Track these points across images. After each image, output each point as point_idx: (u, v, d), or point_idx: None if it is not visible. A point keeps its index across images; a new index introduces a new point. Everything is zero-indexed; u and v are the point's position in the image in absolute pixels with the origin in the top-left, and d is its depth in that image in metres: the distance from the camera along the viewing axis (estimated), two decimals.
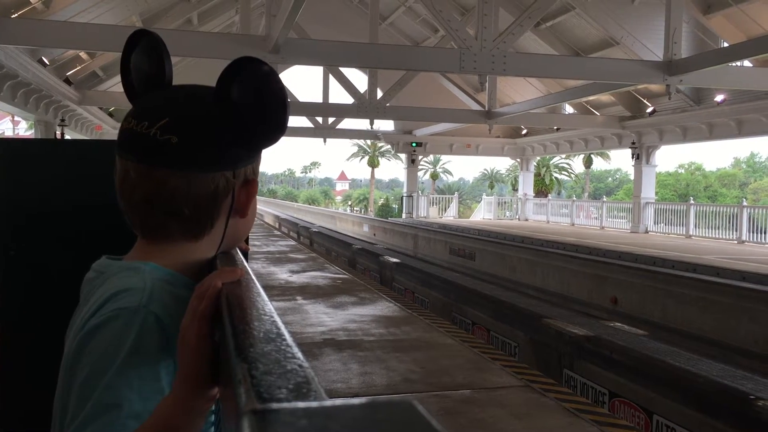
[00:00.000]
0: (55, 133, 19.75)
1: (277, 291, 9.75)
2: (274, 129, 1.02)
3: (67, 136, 20.47)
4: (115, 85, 22.51)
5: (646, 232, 21.99)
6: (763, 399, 5.99)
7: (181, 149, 0.98)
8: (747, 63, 14.82)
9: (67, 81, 18.94)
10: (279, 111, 1.01)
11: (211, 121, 0.99)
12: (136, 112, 1.02)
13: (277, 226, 35.18)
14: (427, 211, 31.44)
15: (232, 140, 1.00)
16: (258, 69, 1.00)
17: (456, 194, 38.34)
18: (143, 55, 1.08)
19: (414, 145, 29.36)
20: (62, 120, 20.16)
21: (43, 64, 16.37)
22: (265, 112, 1.00)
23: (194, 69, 24.13)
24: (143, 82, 1.07)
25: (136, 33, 1.08)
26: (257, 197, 1.16)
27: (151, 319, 0.90)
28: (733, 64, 13.42)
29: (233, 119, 0.99)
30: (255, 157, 1.07)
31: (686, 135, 20.48)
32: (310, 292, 9.82)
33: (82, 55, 19.33)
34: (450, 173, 72.77)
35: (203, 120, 0.99)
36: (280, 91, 1.02)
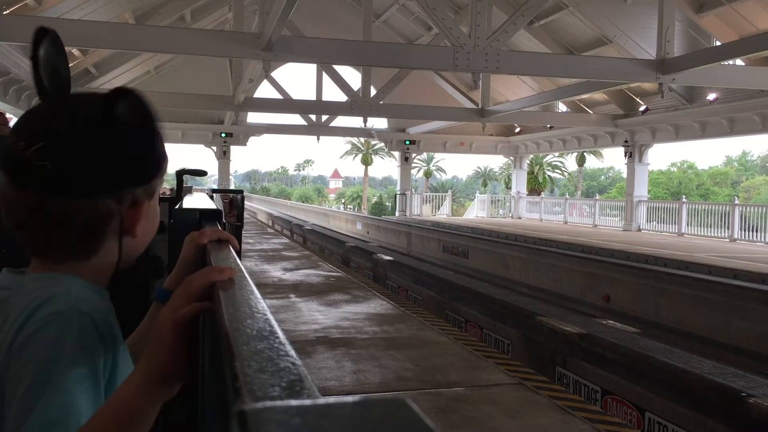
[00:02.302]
0: None
1: (270, 289, 9.74)
2: (154, 156, 0.98)
3: None
4: (108, 82, 22.42)
5: (639, 230, 22.06)
6: (755, 396, 6.02)
7: (56, 176, 0.93)
8: (739, 62, 14.87)
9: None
10: (156, 142, 0.98)
11: (90, 147, 0.94)
12: (18, 126, 0.98)
13: (270, 224, 35.13)
14: (420, 209, 31.44)
15: (113, 167, 0.96)
16: (141, 100, 0.95)
17: (449, 192, 38.38)
18: (52, 52, 1.04)
19: (407, 143, 29.35)
20: None
21: None
22: (152, 139, 0.97)
23: (186, 66, 24.09)
24: (51, 80, 1.03)
25: (42, 29, 1.04)
26: (255, 196, 1.15)
27: (86, 320, 0.91)
28: (726, 63, 13.46)
29: (116, 145, 0.94)
30: (146, 181, 1.03)
31: (679, 133, 20.55)
32: (304, 290, 9.81)
33: (75, 51, 19.22)
34: (443, 171, 72.83)
35: (82, 145, 0.94)
36: (155, 123, 0.97)
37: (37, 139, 0.94)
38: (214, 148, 27.66)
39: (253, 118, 27.76)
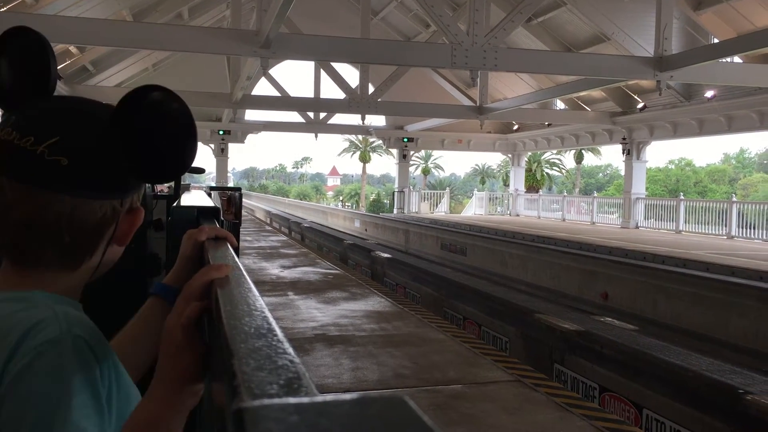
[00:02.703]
0: None
1: (269, 286, 9.74)
2: (174, 162, 0.94)
3: None
4: (105, 79, 22.39)
5: (637, 227, 22.07)
6: (752, 393, 6.03)
7: (71, 173, 0.90)
8: (737, 59, 14.88)
9: (57, 76, 18.80)
10: (184, 144, 0.93)
11: (104, 146, 0.91)
12: (18, 122, 0.92)
13: (268, 221, 35.12)
14: (418, 207, 31.44)
15: (125, 168, 0.93)
16: (166, 100, 0.92)
17: (447, 190, 38.38)
18: (25, 55, 0.99)
19: (405, 140, 29.34)
20: None
21: None
22: (166, 140, 0.92)
23: (184, 63, 24.07)
24: (21, 85, 0.98)
25: (14, 29, 0.99)
26: (250, 192, 1.13)
27: (80, 343, 0.86)
28: (723, 60, 13.46)
29: (130, 147, 0.91)
30: (145, 180, 1.00)
31: (676, 131, 20.56)
32: (302, 287, 9.81)
33: (72, 49, 19.21)
34: (441, 169, 72.77)
35: (97, 144, 0.91)
36: (188, 125, 0.93)
37: (49, 134, 0.90)
38: (212, 145, 27.63)
39: (251, 115, 27.79)
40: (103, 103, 0.98)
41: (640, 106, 21.08)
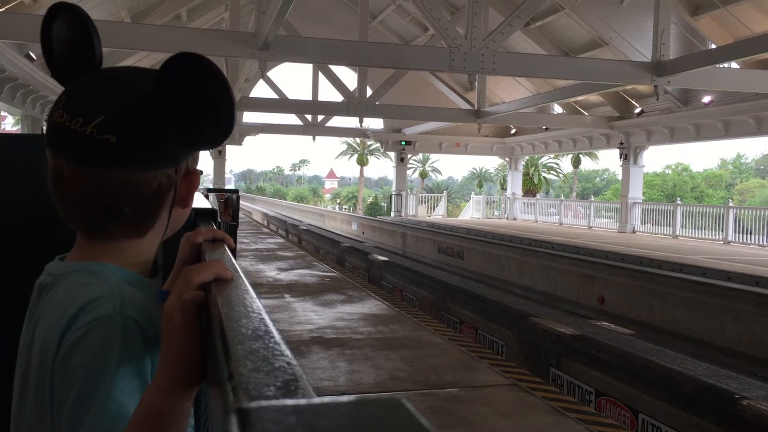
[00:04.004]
0: (42, 128, 19.60)
1: (265, 288, 9.73)
2: (218, 122, 0.96)
3: None
4: None
5: (634, 231, 22.10)
6: (748, 398, 6.04)
7: (120, 149, 0.92)
8: (734, 64, 14.93)
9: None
10: (223, 104, 0.96)
11: (150, 117, 0.94)
12: (68, 103, 0.95)
13: (265, 223, 35.09)
14: (415, 210, 31.45)
15: (173, 136, 0.95)
16: (200, 62, 0.95)
17: (445, 193, 38.37)
18: (68, 30, 1.00)
19: (403, 143, 29.37)
20: None
21: (31, 59, 16.24)
22: (208, 105, 0.95)
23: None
24: (69, 58, 0.99)
25: (56, 5, 1.01)
26: (247, 195, 1.14)
27: (131, 324, 0.89)
28: (721, 66, 13.51)
29: (174, 113, 0.94)
30: (199, 145, 1.02)
31: (674, 136, 20.61)
32: (299, 289, 9.80)
33: None
34: (439, 172, 72.87)
35: (142, 116, 0.94)
36: (223, 84, 0.96)
37: (94, 114, 0.92)
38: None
39: (249, 117, 27.74)
40: (147, 69, 1.00)
41: (637, 110, 21.13)
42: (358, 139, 59.29)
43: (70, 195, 0.95)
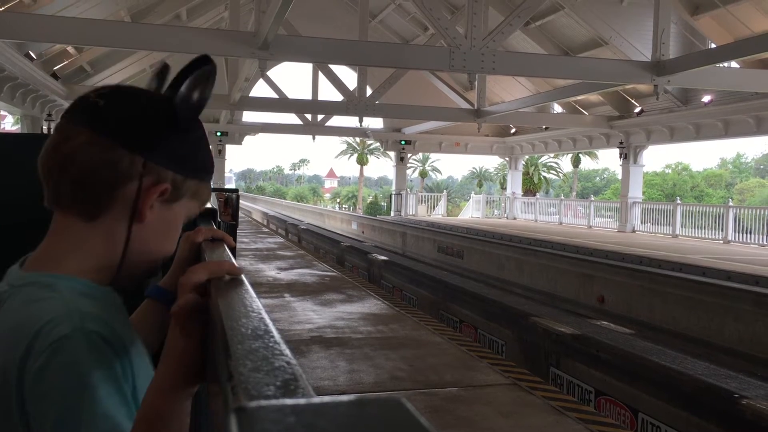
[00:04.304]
0: (42, 128, 19.61)
1: (265, 288, 9.73)
2: (194, 153, 1.01)
3: None
4: (103, 80, 22.36)
5: (633, 231, 22.10)
6: (748, 397, 6.04)
7: (102, 112, 0.96)
8: (734, 64, 14.92)
9: (54, 75, 18.79)
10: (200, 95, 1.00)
11: (146, 104, 0.98)
12: (104, 89, 1.02)
13: (265, 223, 35.09)
14: (415, 209, 31.45)
15: (159, 128, 0.97)
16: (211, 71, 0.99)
17: (444, 192, 38.36)
18: (204, 83, 1.01)
19: (403, 143, 29.36)
20: (49, 115, 20.00)
21: (30, 59, 16.24)
22: (195, 141, 1.01)
23: (182, 64, 24.00)
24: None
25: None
26: (248, 194, 1.14)
27: (95, 338, 0.87)
28: (721, 65, 13.50)
29: (172, 112, 0.97)
30: (185, 170, 1.01)
31: (673, 135, 20.61)
32: (298, 289, 9.80)
33: (70, 49, 19.18)
34: (439, 171, 72.83)
35: (139, 99, 0.99)
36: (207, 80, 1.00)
37: (113, 95, 0.99)
38: (210, 146, 27.60)
39: (249, 117, 27.75)
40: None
41: (637, 110, 21.12)
42: (357, 139, 59.29)
43: (50, 153, 0.98)
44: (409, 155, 31.65)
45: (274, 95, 22.92)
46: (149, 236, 1.01)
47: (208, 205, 2.24)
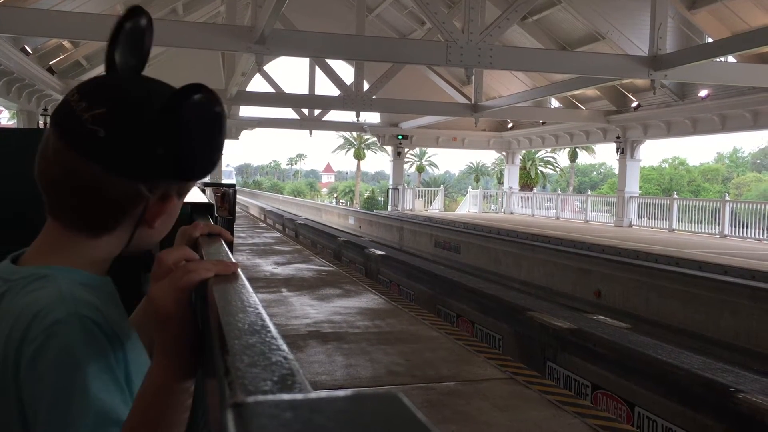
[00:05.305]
0: (38, 122, 19.56)
1: (262, 283, 9.73)
2: (207, 159, 0.96)
3: None
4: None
5: (630, 225, 22.13)
6: (744, 391, 6.06)
7: (103, 145, 0.93)
8: (731, 59, 14.92)
9: (50, 70, 18.74)
10: (216, 143, 0.96)
11: (146, 131, 0.93)
12: (84, 87, 0.98)
13: (262, 218, 35.07)
14: (412, 204, 31.45)
15: (161, 157, 0.94)
16: (212, 101, 0.94)
17: (442, 187, 38.39)
18: (135, 34, 1.04)
19: (400, 137, 29.33)
20: (45, 110, 19.94)
21: (26, 53, 16.19)
22: (205, 141, 0.95)
23: (178, 59, 23.98)
24: (125, 58, 1.03)
25: (136, 8, 1.06)
26: (245, 189, 1.14)
27: (89, 323, 0.89)
28: (718, 60, 13.49)
29: (170, 138, 0.93)
30: (185, 179, 1.02)
31: (670, 130, 20.61)
32: (295, 284, 9.80)
33: (66, 44, 19.12)
34: (436, 166, 72.72)
35: (139, 126, 0.94)
36: (221, 127, 0.96)
37: (99, 104, 0.94)
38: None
39: (246, 111, 27.69)
40: (169, 86, 1.00)
41: (634, 105, 21.12)
42: (355, 134, 59.20)
43: (46, 167, 0.97)
44: (406, 150, 31.62)
45: (270, 90, 22.88)
46: (152, 233, 1.05)
47: (206, 200, 2.24)
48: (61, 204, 0.98)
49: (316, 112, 26.03)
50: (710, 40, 15.75)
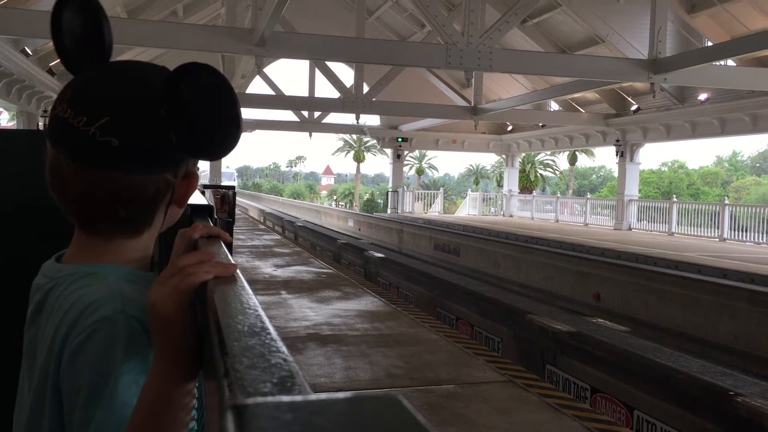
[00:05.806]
0: (38, 124, 19.56)
1: (262, 285, 9.73)
2: (224, 135, 0.93)
3: None
4: None
5: (630, 229, 22.14)
6: (743, 395, 6.06)
7: (121, 153, 0.92)
8: (730, 62, 14.94)
9: (50, 72, 18.75)
10: (230, 116, 0.92)
11: (155, 123, 0.91)
12: (73, 98, 0.94)
13: (261, 220, 35.06)
14: (412, 207, 31.45)
15: (176, 143, 0.93)
16: (210, 74, 0.91)
17: (441, 190, 38.39)
18: (79, 18, 1.00)
19: (400, 140, 29.35)
20: (45, 111, 19.93)
21: (26, 55, 16.19)
22: (214, 117, 0.91)
23: (178, 61, 23.99)
24: (79, 48, 0.99)
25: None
26: (244, 191, 1.14)
27: (134, 323, 0.89)
28: (717, 63, 13.52)
29: (179, 121, 0.91)
30: (208, 154, 0.99)
31: (670, 133, 20.63)
32: (295, 286, 9.80)
33: None
34: (435, 169, 72.74)
35: (147, 121, 0.92)
36: (232, 98, 0.93)
37: (99, 113, 0.92)
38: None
39: (245, 113, 27.24)
40: (156, 66, 0.99)
41: (633, 108, 21.14)
42: (354, 136, 59.22)
43: (66, 189, 0.95)
44: (405, 152, 31.63)
45: (270, 92, 22.89)
46: (179, 209, 1.07)
47: (205, 202, 2.24)
48: (94, 218, 0.97)
49: (316, 114, 26.04)
50: (710, 43, 15.78)
